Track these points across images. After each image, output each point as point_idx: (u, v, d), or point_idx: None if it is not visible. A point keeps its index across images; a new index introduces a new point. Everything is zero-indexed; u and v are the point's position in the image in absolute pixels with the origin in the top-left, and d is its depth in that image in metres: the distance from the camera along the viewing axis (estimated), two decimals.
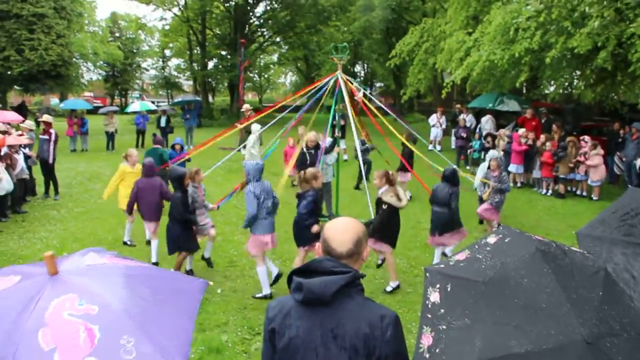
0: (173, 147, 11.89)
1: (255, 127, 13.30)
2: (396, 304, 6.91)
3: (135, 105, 26.28)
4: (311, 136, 10.85)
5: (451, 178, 8.09)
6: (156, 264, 8.22)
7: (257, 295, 7.22)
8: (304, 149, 10.73)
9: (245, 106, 16.16)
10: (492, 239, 2.69)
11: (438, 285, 2.50)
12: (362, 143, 12.39)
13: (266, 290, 7.20)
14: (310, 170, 7.48)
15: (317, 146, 10.74)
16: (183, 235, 7.39)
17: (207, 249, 8.17)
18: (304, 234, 7.23)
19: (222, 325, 6.28)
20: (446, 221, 8.02)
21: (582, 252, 2.63)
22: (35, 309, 2.20)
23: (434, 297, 2.47)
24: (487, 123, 18.52)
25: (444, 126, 21.95)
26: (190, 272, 7.66)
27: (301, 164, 10.31)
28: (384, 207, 7.42)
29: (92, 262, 2.68)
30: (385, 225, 7.42)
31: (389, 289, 7.45)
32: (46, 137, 12.32)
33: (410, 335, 5.92)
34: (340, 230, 2.33)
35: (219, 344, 5.79)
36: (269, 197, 7.19)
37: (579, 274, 2.37)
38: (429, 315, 2.41)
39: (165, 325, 2.41)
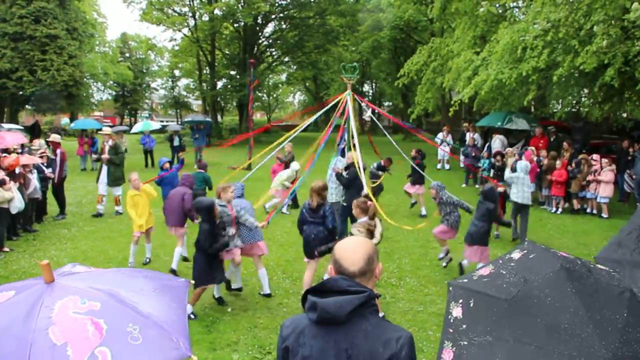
0: (162, 167, 11.66)
1: (295, 166, 12.99)
2: (406, 323, 6.88)
3: (137, 126, 26.51)
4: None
5: (489, 195, 8.42)
6: (174, 272, 8.27)
7: (234, 287, 7.88)
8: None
9: (107, 129, 14.98)
10: (516, 255, 2.67)
11: (461, 300, 2.49)
12: (378, 167, 12.41)
13: (266, 290, 7.77)
14: (319, 181, 7.56)
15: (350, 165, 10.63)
16: (207, 269, 7.04)
17: (230, 273, 7.91)
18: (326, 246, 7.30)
19: (233, 344, 6.26)
20: (477, 234, 8.31)
21: (607, 271, 2.58)
22: (40, 311, 2.32)
23: (457, 312, 2.45)
24: (495, 142, 18.51)
25: (450, 145, 21.98)
26: (219, 300, 7.45)
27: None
28: None
29: (82, 270, 2.87)
30: None
31: None
32: (53, 157, 12.48)
33: (421, 354, 5.89)
34: (351, 249, 2.33)
35: None
36: (250, 211, 7.84)
37: (603, 294, 2.34)
38: (451, 330, 2.40)
39: (163, 314, 2.58)
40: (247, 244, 7.74)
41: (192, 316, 6.92)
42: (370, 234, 6.88)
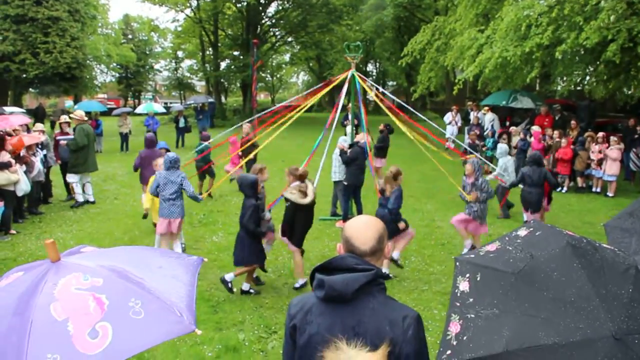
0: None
1: (349, 130, 12.38)
2: (411, 302, 6.90)
3: (140, 107, 26.43)
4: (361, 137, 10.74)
5: (539, 161, 8.96)
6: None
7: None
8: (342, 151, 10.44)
9: (79, 112, 12.47)
10: (522, 232, 2.68)
11: (468, 275, 2.49)
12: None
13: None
14: (392, 167, 7.79)
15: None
16: (252, 248, 7.01)
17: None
18: (392, 228, 7.47)
19: (239, 324, 6.30)
20: (537, 200, 8.84)
21: (612, 249, 2.59)
22: (44, 288, 2.34)
23: (463, 286, 2.46)
24: (491, 122, 18.41)
25: (459, 124, 21.88)
26: (257, 280, 7.53)
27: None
28: (287, 204, 7.33)
29: (90, 250, 2.89)
30: (289, 224, 7.32)
31: (297, 285, 7.45)
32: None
33: (426, 332, 5.89)
34: (362, 228, 2.32)
35: (236, 342, 5.82)
36: (172, 185, 7.83)
37: (609, 270, 2.35)
38: (458, 304, 2.40)
39: (168, 288, 2.59)
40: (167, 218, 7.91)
41: (252, 291, 7.17)
42: (303, 194, 7.15)
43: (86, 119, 12.35)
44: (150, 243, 9.12)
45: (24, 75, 28.69)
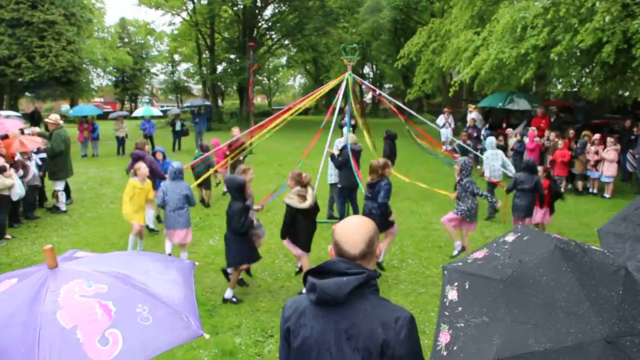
0: (154, 154, 11.08)
1: (344, 131, 12.20)
2: (408, 304, 6.88)
3: (138, 111, 26.41)
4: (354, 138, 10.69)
5: (533, 168, 8.89)
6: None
7: None
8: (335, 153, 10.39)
9: (54, 116, 12.10)
10: (510, 238, 2.66)
11: (456, 284, 2.46)
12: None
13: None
14: (381, 160, 7.86)
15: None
16: (245, 247, 7.06)
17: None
18: (382, 222, 7.51)
19: (235, 328, 6.28)
20: (526, 205, 8.83)
21: (602, 251, 2.57)
22: (46, 296, 2.29)
23: (452, 295, 2.43)
24: (485, 125, 18.40)
25: (452, 126, 21.85)
26: (240, 282, 7.49)
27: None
28: (287, 208, 7.31)
29: (84, 255, 2.84)
30: (289, 228, 7.27)
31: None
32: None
33: (423, 335, 5.89)
34: (352, 232, 2.30)
35: (232, 346, 5.80)
36: (178, 196, 7.78)
37: (598, 272, 2.33)
38: (447, 313, 2.37)
39: (172, 293, 2.57)
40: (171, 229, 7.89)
41: (234, 299, 7.00)
42: (302, 198, 7.19)
43: (61, 122, 12.03)
44: (147, 248, 9.09)
45: (20, 79, 28.71)
